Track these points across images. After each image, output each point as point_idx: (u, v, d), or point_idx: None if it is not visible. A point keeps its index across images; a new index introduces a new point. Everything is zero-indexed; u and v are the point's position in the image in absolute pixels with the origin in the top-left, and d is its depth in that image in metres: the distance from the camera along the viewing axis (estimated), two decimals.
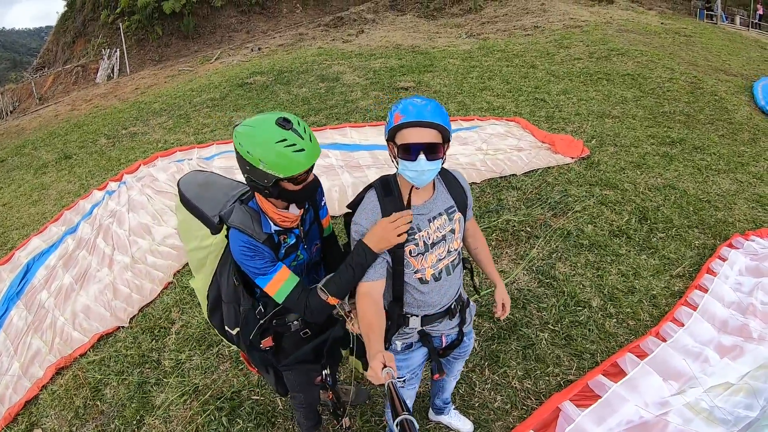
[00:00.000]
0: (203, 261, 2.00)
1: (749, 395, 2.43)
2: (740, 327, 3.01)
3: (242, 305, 1.90)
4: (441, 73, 9.93)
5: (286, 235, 1.80)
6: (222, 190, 1.95)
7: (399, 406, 1.37)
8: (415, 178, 1.64)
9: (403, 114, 1.58)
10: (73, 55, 21.45)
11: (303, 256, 1.89)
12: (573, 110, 7.39)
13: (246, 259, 1.69)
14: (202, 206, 1.89)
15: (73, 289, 4.14)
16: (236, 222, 1.71)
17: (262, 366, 2.11)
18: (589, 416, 2.38)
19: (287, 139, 1.53)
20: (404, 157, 1.60)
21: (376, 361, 1.51)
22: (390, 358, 1.52)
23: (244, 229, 1.68)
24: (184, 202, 1.97)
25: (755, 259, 3.76)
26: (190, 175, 2.11)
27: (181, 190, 2.00)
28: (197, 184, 2.01)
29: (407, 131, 1.59)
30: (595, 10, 16.41)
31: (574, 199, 4.82)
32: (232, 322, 1.98)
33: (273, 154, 1.53)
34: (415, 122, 1.57)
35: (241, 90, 10.38)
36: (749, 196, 5.06)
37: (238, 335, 2.00)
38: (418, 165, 1.59)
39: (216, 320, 2.10)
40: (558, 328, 3.34)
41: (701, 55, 11.44)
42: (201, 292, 2.11)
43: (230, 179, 2.09)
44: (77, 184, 6.99)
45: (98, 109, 12.40)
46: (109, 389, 3.15)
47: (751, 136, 6.71)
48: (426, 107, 1.59)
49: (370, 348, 1.60)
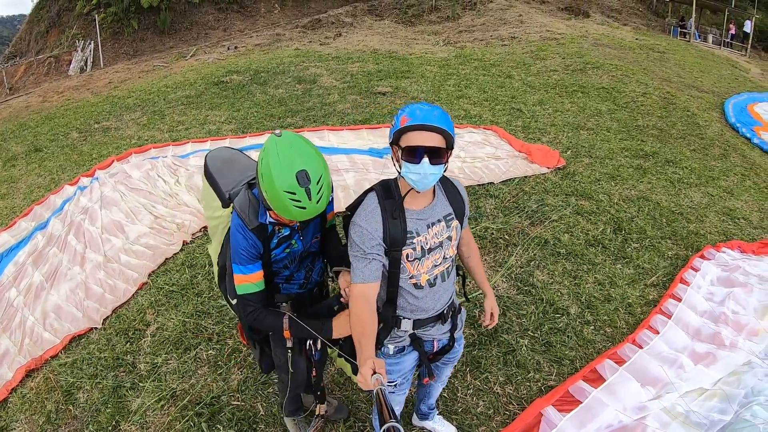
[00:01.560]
0: (215, 229, 2.14)
1: (723, 400, 2.53)
2: (713, 335, 3.13)
3: None
4: (418, 80, 9.99)
5: (280, 227, 1.85)
6: (240, 170, 2.11)
7: (387, 413, 1.39)
8: (418, 182, 1.65)
9: (410, 117, 1.60)
10: (46, 46, 20.74)
11: (297, 246, 1.94)
12: (549, 121, 7.53)
13: (234, 242, 1.81)
14: (219, 180, 2.08)
15: (44, 287, 3.98)
16: (237, 205, 1.83)
17: (251, 339, 2.19)
18: (570, 421, 2.43)
19: (296, 194, 1.60)
20: (408, 159, 1.62)
21: (366, 367, 1.52)
22: (380, 365, 1.54)
23: (240, 213, 1.79)
24: (207, 174, 2.14)
25: (726, 270, 3.92)
26: (219, 149, 2.29)
27: (207, 162, 2.18)
28: (221, 160, 2.19)
29: (413, 134, 1.61)
30: (572, 24, 16.82)
31: (551, 208, 4.91)
32: (232, 292, 2.02)
33: (277, 197, 1.60)
34: (422, 125, 1.59)
35: (216, 88, 10.22)
36: (720, 209, 5.27)
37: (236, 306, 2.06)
38: (421, 168, 1.61)
39: (223, 287, 2.20)
40: (538, 335, 3.40)
41: (674, 71, 11.85)
42: (214, 257, 2.23)
43: (254, 160, 2.19)
44: (48, 178, 6.74)
45: (70, 102, 12.00)
46: (83, 393, 3.02)
47: (721, 152, 6.98)
48: (433, 112, 1.61)
49: (362, 353, 1.60)
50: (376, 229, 1.69)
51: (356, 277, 1.70)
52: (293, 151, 1.62)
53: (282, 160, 1.59)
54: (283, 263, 1.98)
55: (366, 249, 1.69)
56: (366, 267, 1.69)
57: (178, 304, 3.76)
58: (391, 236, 1.69)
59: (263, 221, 1.80)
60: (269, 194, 1.61)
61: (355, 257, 1.71)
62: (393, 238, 1.69)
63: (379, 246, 1.70)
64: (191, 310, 3.68)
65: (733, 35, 21.59)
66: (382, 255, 1.71)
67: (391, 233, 1.69)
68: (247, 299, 1.85)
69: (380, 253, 1.71)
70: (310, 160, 1.63)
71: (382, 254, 1.71)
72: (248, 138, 6.88)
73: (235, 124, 7.89)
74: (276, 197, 1.60)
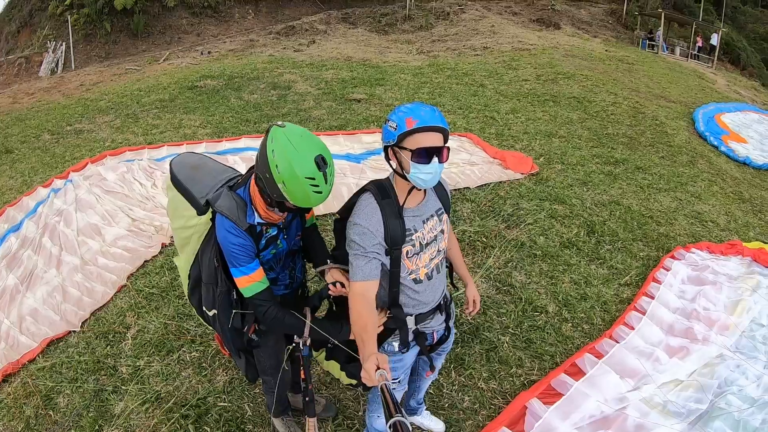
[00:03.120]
0: (187, 240, 2.04)
1: (698, 390, 2.66)
2: (686, 330, 3.28)
3: (219, 287, 1.93)
4: (392, 87, 10.08)
5: (267, 227, 1.86)
6: (211, 174, 2.00)
7: (392, 407, 1.38)
8: (429, 181, 1.70)
9: (417, 119, 1.64)
10: (16, 46, 20.06)
11: (282, 246, 1.96)
12: (522, 129, 7.69)
13: (229, 245, 1.77)
14: (191, 188, 1.94)
15: (19, 290, 3.85)
16: (223, 208, 1.78)
17: (234, 349, 2.12)
18: (554, 412, 2.52)
19: (315, 179, 1.61)
20: (419, 160, 1.65)
21: (369, 363, 1.52)
22: (384, 360, 1.54)
23: (229, 216, 1.76)
24: (175, 182, 2.01)
25: (696, 269, 4.11)
26: (183, 156, 2.15)
27: (172, 170, 2.04)
28: (189, 166, 2.05)
29: (421, 135, 1.65)
30: (543, 35, 17.26)
31: (526, 212, 5.03)
32: (210, 302, 1.99)
33: (298, 184, 1.61)
34: (430, 127, 1.64)
35: (191, 93, 10.09)
36: (689, 213, 5.50)
37: (214, 317, 2.01)
38: (432, 167, 1.66)
39: (195, 300, 2.12)
40: (518, 332, 3.49)
41: (643, 82, 12.29)
42: (183, 271, 2.14)
43: (221, 163, 2.13)
44: (19, 180, 6.53)
45: (41, 104, 11.63)
46: (63, 397, 2.94)
47: (689, 159, 7.29)
48: (434, 112, 1.67)
49: (364, 350, 1.61)
50: (377, 228, 1.72)
51: (356, 276, 1.71)
52: (304, 138, 1.65)
53: (298, 148, 1.61)
54: (269, 265, 1.97)
55: (367, 247, 1.71)
56: (366, 265, 1.71)
57: (159, 307, 3.71)
58: (392, 235, 1.73)
59: (252, 222, 1.80)
60: (289, 184, 1.61)
61: (355, 256, 1.73)
62: (393, 238, 1.73)
63: (380, 245, 1.73)
64: (173, 312, 3.63)
65: (700, 48, 22.27)
66: (381, 254, 1.74)
67: (391, 233, 1.73)
68: (258, 299, 1.83)
69: (380, 252, 1.73)
70: (320, 145, 1.66)
71: (381, 253, 1.74)
72: (225, 142, 6.83)
73: (210, 128, 7.82)
74: (297, 185, 1.61)
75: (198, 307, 2.12)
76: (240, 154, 6.27)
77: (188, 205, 1.94)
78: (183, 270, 2.14)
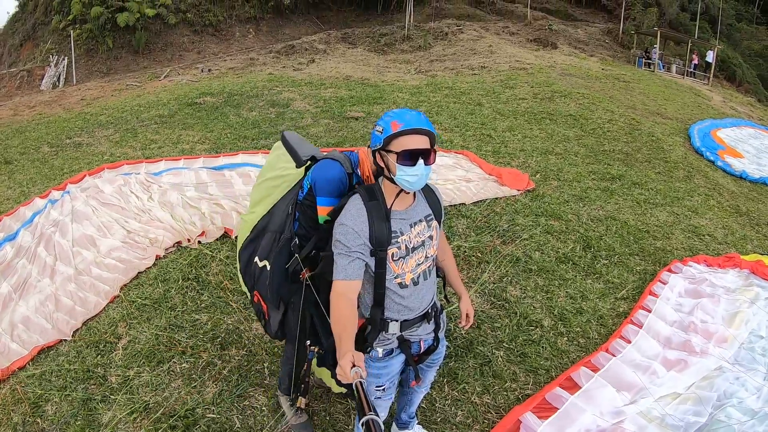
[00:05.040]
0: (272, 190, 2.33)
1: (697, 403, 2.62)
2: (683, 343, 3.25)
3: (284, 234, 2.15)
4: (390, 106, 10.13)
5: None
6: (313, 149, 2.31)
7: (366, 405, 1.40)
8: (415, 183, 1.73)
9: (402, 122, 1.68)
10: (19, 59, 20.33)
11: None
12: (518, 146, 7.73)
13: (327, 176, 1.96)
14: (297, 148, 2.26)
15: (12, 298, 3.82)
16: (333, 155, 2.05)
17: (276, 299, 2.23)
18: (549, 426, 2.47)
19: None
20: (404, 162, 1.69)
21: (345, 359, 1.54)
22: (359, 358, 1.56)
23: (337, 158, 2.00)
24: (284, 142, 2.36)
25: (693, 282, 4.09)
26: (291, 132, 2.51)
27: (284, 134, 2.41)
28: (298, 137, 2.41)
29: (406, 138, 1.69)
30: (540, 55, 17.49)
31: (522, 227, 5.03)
32: (265, 252, 2.21)
33: None
34: (415, 129, 1.68)
35: (190, 109, 10.16)
36: (685, 227, 5.50)
37: (263, 268, 2.21)
38: (417, 169, 1.69)
39: (246, 254, 2.36)
40: (513, 346, 3.45)
41: (639, 99, 12.41)
42: (249, 224, 2.40)
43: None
44: (17, 191, 6.53)
45: (42, 117, 11.71)
46: (51, 405, 2.89)
47: (685, 174, 7.32)
48: (420, 116, 1.71)
49: (341, 347, 1.62)
50: (362, 229, 1.74)
51: (338, 274, 1.74)
52: None
53: None
54: None
55: (351, 247, 1.73)
56: (349, 265, 1.73)
57: (151, 318, 3.67)
58: (377, 237, 1.74)
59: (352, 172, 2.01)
60: None
61: (338, 255, 1.75)
62: (379, 239, 1.74)
63: (364, 246, 1.74)
64: (164, 323, 3.59)
65: (696, 65, 22.52)
66: (365, 255, 1.75)
67: (376, 234, 1.74)
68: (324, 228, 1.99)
69: (364, 252, 1.75)
70: None
71: (365, 254, 1.75)
72: (222, 157, 6.85)
73: (208, 144, 7.86)
74: None
75: (246, 261, 2.35)
76: (237, 169, 6.28)
77: (288, 159, 2.26)
78: (249, 223, 2.39)
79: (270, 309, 2.30)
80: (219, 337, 3.41)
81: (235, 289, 3.93)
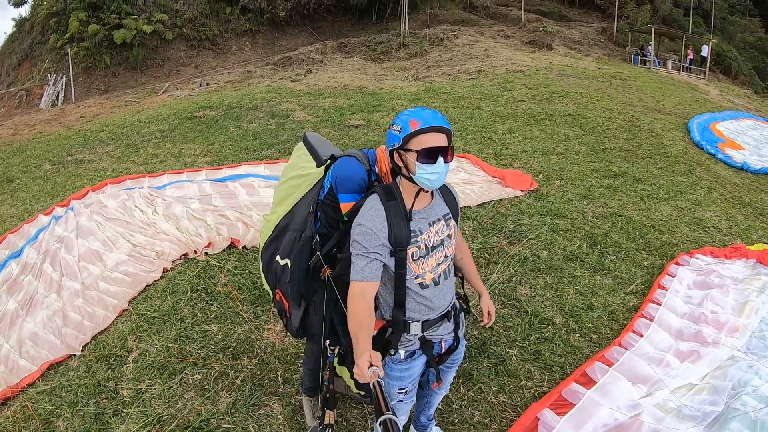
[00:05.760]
0: (294, 190, 2.39)
1: (712, 393, 2.61)
2: (695, 334, 3.24)
3: (305, 232, 2.18)
4: (390, 113, 10.17)
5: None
6: (334, 149, 2.36)
7: (383, 405, 1.40)
8: (435, 180, 1.73)
9: (420, 120, 1.68)
10: (17, 78, 20.44)
11: None
12: (519, 148, 7.75)
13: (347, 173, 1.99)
14: (318, 148, 2.33)
15: (19, 315, 3.81)
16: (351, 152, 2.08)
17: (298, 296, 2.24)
18: (567, 422, 2.46)
19: None
20: (425, 161, 1.69)
21: (362, 359, 1.54)
22: (377, 358, 1.55)
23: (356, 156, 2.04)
24: (306, 143, 2.43)
25: (701, 274, 4.09)
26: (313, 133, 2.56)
27: (306, 135, 2.47)
28: (319, 138, 2.48)
29: (426, 136, 1.69)
30: (536, 56, 17.56)
31: (527, 227, 5.04)
32: (287, 250, 2.25)
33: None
34: (434, 127, 1.68)
35: (190, 123, 10.21)
36: (690, 220, 5.50)
37: (284, 266, 2.24)
38: (437, 167, 1.70)
39: (268, 253, 2.42)
40: (526, 345, 3.44)
41: (637, 96, 12.45)
42: (271, 224, 2.46)
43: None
44: (20, 209, 6.55)
45: (42, 135, 11.77)
46: (62, 421, 2.87)
47: (687, 168, 7.33)
48: (436, 114, 1.71)
49: (358, 347, 1.63)
50: (380, 229, 1.73)
51: (356, 275, 1.73)
52: None
53: None
54: None
55: (368, 248, 1.72)
56: (366, 266, 1.73)
57: (161, 330, 3.66)
58: (396, 236, 1.74)
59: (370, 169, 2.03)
60: None
61: (356, 255, 1.74)
62: (398, 238, 1.74)
63: (383, 247, 1.74)
64: (174, 335, 3.57)
65: (692, 60, 22.58)
66: (383, 255, 1.75)
67: (396, 233, 1.74)
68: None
69: (382, 253, 1.74)
70: None
71: (384, 255, 1.75)
72: (225, 169, 6.87)
73: (210, 156, 7.88)
74: None
75: (268, 261, 2.40)
76: (240, 180, 6.30)
77: (309, 158, 2.32)
78: (272, 223, 2.45)
79: (291, 306, 2.31)
80: (230, 347, 3.40)
81: (245, 298, 3.93)
